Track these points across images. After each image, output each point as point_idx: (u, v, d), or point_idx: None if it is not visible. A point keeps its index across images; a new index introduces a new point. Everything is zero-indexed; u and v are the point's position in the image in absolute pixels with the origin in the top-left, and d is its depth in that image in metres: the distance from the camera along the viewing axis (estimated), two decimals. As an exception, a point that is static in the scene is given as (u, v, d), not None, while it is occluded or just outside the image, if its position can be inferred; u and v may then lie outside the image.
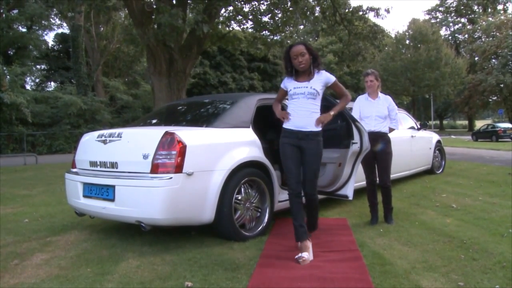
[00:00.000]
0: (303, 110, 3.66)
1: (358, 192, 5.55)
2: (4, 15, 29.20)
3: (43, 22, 34.53)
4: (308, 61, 3.66)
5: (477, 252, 3.58)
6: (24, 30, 32.14)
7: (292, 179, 3.65)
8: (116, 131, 4.24)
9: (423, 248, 3.75)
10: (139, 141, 4.07)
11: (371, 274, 3.13)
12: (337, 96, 3.93)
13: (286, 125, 3.72)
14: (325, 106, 5.09)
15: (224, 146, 4.16)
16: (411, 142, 7.82)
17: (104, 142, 4.22)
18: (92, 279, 3.18)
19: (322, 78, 3.74)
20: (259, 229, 4.32)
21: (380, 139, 4.80)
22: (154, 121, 5.41)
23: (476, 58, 47.85)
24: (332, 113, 3.71)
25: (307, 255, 3.50)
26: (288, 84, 3.80)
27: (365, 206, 5.08)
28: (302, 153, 3.68)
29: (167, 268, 3.36)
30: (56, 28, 40.04)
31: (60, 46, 39.01)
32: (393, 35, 45.78)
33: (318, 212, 4.15)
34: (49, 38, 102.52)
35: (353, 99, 5.38)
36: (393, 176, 5.58)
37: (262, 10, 15.30)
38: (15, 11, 30.61)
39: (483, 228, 4.40)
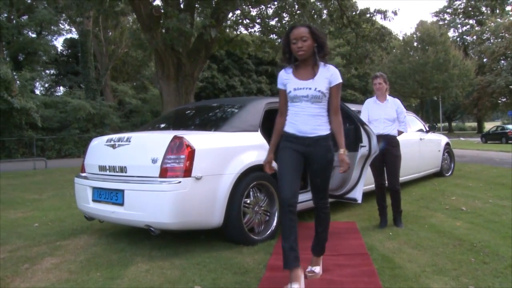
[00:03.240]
0: (306, 114, 3.03)
1: (367, 195, 5.52)
2: (14, 21, 29.49)
3: (52, 27, 34.84)
4: (310, 48, 2.99)
5: (487, 255, 3.55)
6: (33, 35, 32.47)
7: (286, 189, 2.98)
8: (125, 135, 4.27)
9: (433, 251, 3.73)
10: (148, 146, 4.09)
11: (380, 278, 3.12)
12: (329, 106, 3.09)
13: (288, 129, 3.10)
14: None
15: (232, 150, 4.17)
16: (420, 144, 7.78)
17: (113, 146, 4.25)
18: (101, 283, 3.19)
19: (328, 75, 3.04)
20: (268, 233, 4.32)
21: (388, 141, 4.78)
22: (162, 125, 5.43)
23: (485, 60, 47.55)
24: (342, 151, 3.07)
25: (298, 286, 2.91)
26: (287, 81, 3.10)
27: (374, 209, 5.06)
28: (308, 162, 3.09)
29: (176, 272, 3.37)
30: (65, 33, 40.47)
31: (69, 51, 39.33)
32: (401, 38, 45.60)
33: (328, 231, 3.42)
34: (58, 43, 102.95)
35: (361, 102, 5.38)
36: (402, 179, 5.55)
37: (269, 14, 15.33)
38: (25, 17, 30.93)
39: (493, 231, 4.37)
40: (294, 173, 3.05)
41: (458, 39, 55.19)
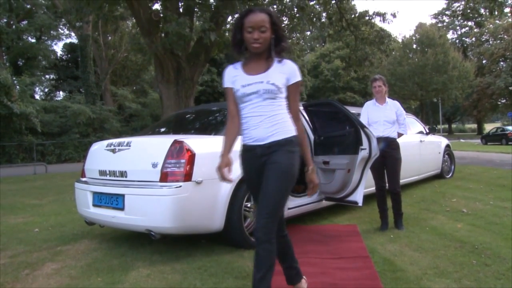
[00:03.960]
0: (258, 115, 2.47)
1: (367, 198, 5.52)
2: (14, 26, 29.55)
3: (52, 32, 34.97)
4: (267, 40, 2.43)
5: (489, 258, 3.54)
6: (33, 40, 32.56)
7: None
8: (125, 140, 4.26)
9: (434, 254, 3.72)
10: (148, 150, 4.08)
11: (382, 280, 3.12)
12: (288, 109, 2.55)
13: (243, 140, 2.58)
14: (333, 113, 5.12)
15: (233, 154, 4.15)
16: (420, 146, 7.78)
17: (113, 151, 4.24)
18: (102, 288, 3.18)
19: (286, 70, 2.50)
20: (268, 236, 4.30)
21: (388, 144, 4.78)
22: (162, 129, 5.43)
23: (484, 61, 47.59)
24: (310, 169, 2.61)
25: None
26: (236, 79, 2.55)
27: (375, 212, 5.05)
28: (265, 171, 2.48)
29: (177, 277, 3.36)
30: (64, 38, 40.37)
31: (69, 55, 39.34)
32: (400, 40, 45.68)
33: (274, 269, 2.50)
34: (58, 48, 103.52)
35: (361, 105, 5.38)
36: (402, 181, 5.55)
37: (268, 17, 15.34)
38: (25, 22, 31.01)
39: (495, 233, 4.36)
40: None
41: (457, 41, 55.30)
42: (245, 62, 2.58)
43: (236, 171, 4.02)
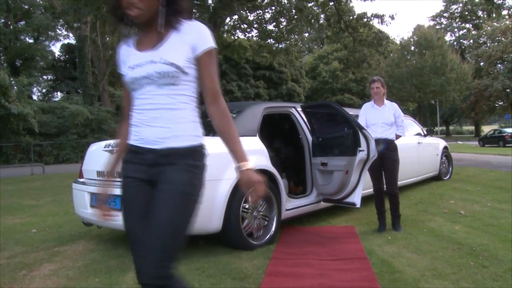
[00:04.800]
0: (152, 109, 1.75)
1: (365, 199, 5.53)
2: (11, 27, 29.53)
3: (49, 33, 34.96)
4: (151, 3, 1.71)
5: (487, 259, 3.55)
6: (31, 41, 32.53)
7: (137, 257, 1.80)
8: (123, 141, 4.25)
9: (432, 256, 3.72)
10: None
11: (380, 282, 3.11)
12: (201, 91, 1.84)
13: (131, 139, 1.84)
14: (331, 115, 5.12)
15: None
16: (418, 148, 7.79)
17: (111, 152, 4.23)
18: (100, 289, 3.18)
19: (189, 38, 1.75)
20: (266, 237, 4.31)
21: (386, 145, 4.79)
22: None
23: (482, 64, 47.70)
24: (243, 165, 1.84)
25: None
26: (126, 59, 1.83)
27: (373, 214, 5.05)
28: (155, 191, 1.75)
29: (175, 278, 3.35)
30: (62, 39, 40.39)
31: (66, 56, 39.35)
32: (398, 42, 45.77)
33: None
34: (56, 48, 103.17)
35: (359, 106, 5.39)
36: (400, 183, 5.55)
37: (267, 19, 15.37)
38: (22, 23, 30.99)
39: (492, 234, 4.36)
40: (147, 224, 1.73)
41: (455, 43, 55.43)
42: (139, 37, 1.85)
43: (234, 172, 4.03)
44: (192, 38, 1.75)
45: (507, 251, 3.74)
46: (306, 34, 27.41)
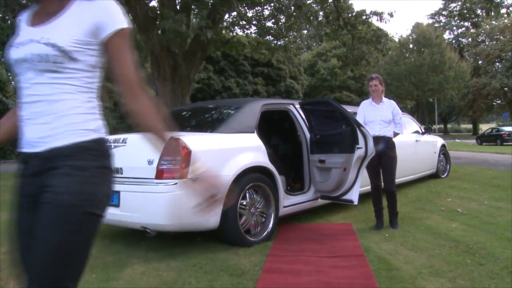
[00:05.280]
0: (32, 101, 1.42)
1: (363, 196, 5.53)
2: (9, 21, 29.40)
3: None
4: None
5: (483, 257, 3.56)
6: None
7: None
8: (120, 137, 4.25)
9: (429, 253, 3.73)
10: (143, 147, 4.05)
11: (377, 279, 3.12)
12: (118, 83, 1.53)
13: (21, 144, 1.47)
14: (329, 112, 5.12)
15: (228, 152, 4.16)
16: (415, 146, 7.79)
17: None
18: (97, 285, 3.17)
19: (93, 13, 1.43)
20: (264, 234, 4.32)
21: (384, 143, 4.79)
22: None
23: (480, 62, 47.72)
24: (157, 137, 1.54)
25: None
26: (16, 35, 1.52)
27: (370, 211, 5.06)
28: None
29: (172, 274, 3.36)
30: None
31: (65, 52, 39.19)
32: (396, 39, 45.76)
33: None
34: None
35: (357, 104, 5.39)
36: (398, 180, 5.56)
37: (265, 15, 15.33)
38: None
39: (489, 232, 4.37)
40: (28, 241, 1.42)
41: (453, 41, 55.43)
42: (38, 5, 1.56)
43: (232, 169, 4.03)
44: (98, 15, 1.42)
45: (504, 249, 3.75)
46: (305, 31, 27.36)
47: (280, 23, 15.22)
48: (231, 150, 4.20)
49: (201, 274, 3.33)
